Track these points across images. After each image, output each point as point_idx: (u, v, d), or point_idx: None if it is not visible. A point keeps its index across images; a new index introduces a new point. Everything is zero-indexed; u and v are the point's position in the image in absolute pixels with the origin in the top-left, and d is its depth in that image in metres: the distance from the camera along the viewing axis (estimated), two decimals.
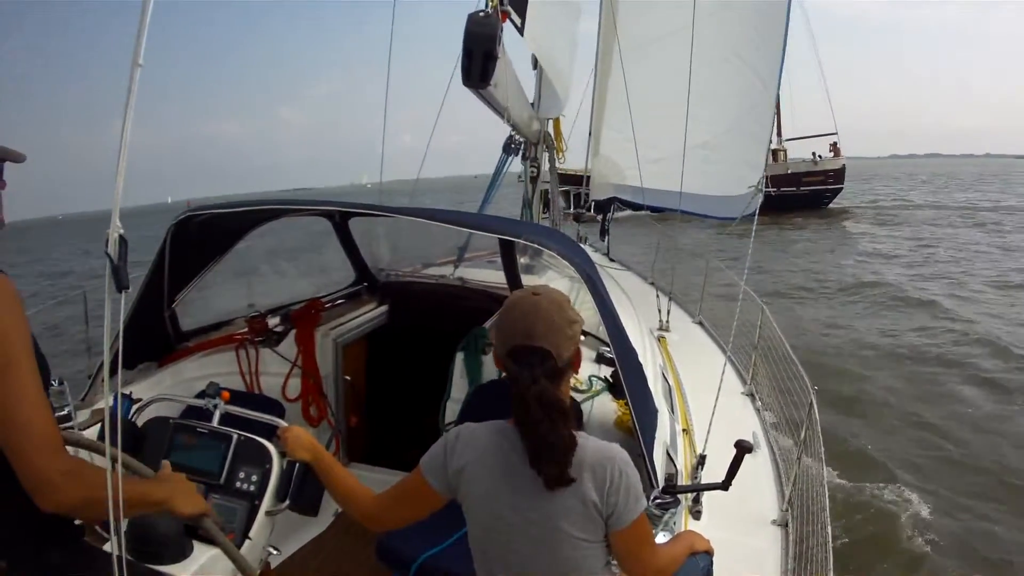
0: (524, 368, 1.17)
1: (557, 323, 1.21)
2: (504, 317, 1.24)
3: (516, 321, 1.22)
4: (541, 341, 1.19)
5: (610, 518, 1.18)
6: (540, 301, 1.23)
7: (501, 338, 1.23)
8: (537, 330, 1.19)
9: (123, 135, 0.78)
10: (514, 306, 1.24)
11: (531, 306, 1.22)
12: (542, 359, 1.18)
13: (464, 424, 1.31)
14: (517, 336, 1.20)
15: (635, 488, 1.19)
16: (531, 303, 1.23)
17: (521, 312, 1.22)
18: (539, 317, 1.20)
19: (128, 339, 2.09)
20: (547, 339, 1.19)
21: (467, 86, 3.06)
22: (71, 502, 1.09)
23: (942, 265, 14.11)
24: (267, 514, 1.64)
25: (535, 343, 1.19)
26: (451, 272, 3.84)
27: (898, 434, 5.66)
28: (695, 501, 2.20)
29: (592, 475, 1.16)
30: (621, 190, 6.55)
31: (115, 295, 0.89)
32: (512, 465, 1.20)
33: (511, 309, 1.24)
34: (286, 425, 1.64)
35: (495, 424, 1.27)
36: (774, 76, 4.65)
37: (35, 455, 1.06)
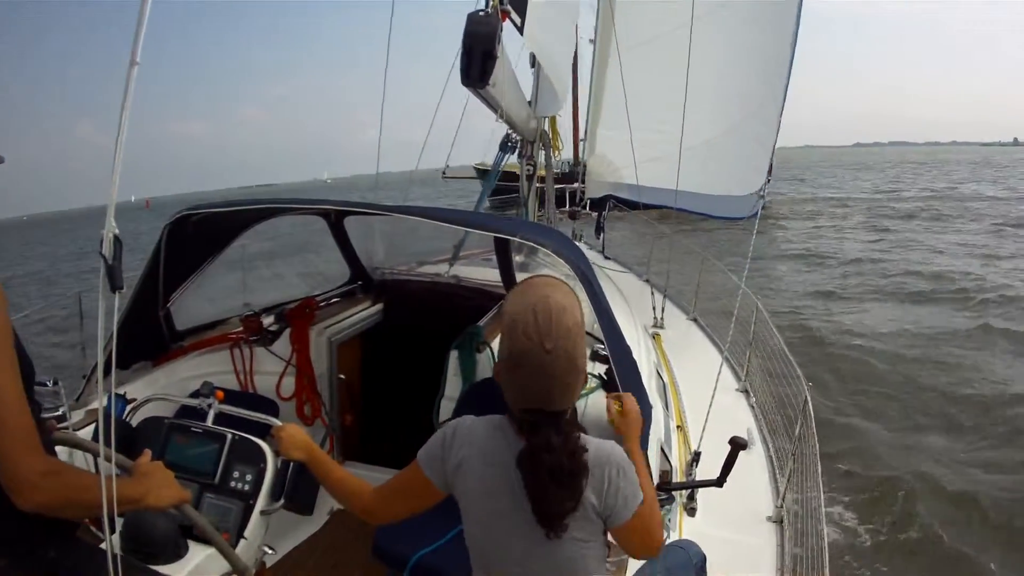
0: (538, 436, 1.14)
1: (570, 383, 1.16)
2: (514, 369, 1.15)
3: (529, 383, 1.15)
4: (556, 406, 1.15)
5: (608, 518, 1.19)
6: (555, 362, 1.12)
7: (510, 391, 1.18)
8: (553, 396, 1.15)
9: (119, 134, 0.78)
10: (525, 362, 1.13)
11: (544, 367, 1.12)
12: (556, 420, 1.15)
13: (462, 417, 1.30)
14: (529, 399, 1.15)
15: (632, 487, 1.19)
16: (544, 364, 1.12)
17: (534, 373, 1.13)
18: (554, 382, 1.14)
19: (123, 339, 2.09)
20: (561, 401, 1.16)
21: (466, 85, 3.06)
22: (49, 502, 1.09)
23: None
24: (262, 513, 1.64)
25: (550, 408, 1.15)
26: (446, 270, 3.84)
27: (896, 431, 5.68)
28: (690, 498, 2.21)
29: (592, 477, 1.16)
30: (617, 188, 6.55)
31: (109, 295, 0.89)
32: (510, 464, 1.19)
33: (522, 364, 1.14)
34: (280, 424, 1.63)
35: (493, 419, 1.26)
36: (781, 79, 4.59)
37: (12, 454, 1.06)
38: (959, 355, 7.30)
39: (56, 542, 1.23)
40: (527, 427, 1.16)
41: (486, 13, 2.90)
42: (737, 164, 5.09)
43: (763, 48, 4.86)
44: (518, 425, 1.19)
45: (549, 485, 1.12)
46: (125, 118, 0.77)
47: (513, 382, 1.17)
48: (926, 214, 20.89)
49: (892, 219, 19.95)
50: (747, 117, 5.05)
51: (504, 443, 1.21)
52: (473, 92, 3.19)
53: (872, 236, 16.82)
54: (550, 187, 5.48)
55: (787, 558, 2.22)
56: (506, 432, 1.22)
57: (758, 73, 4.90)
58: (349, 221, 3.62)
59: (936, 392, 6.29)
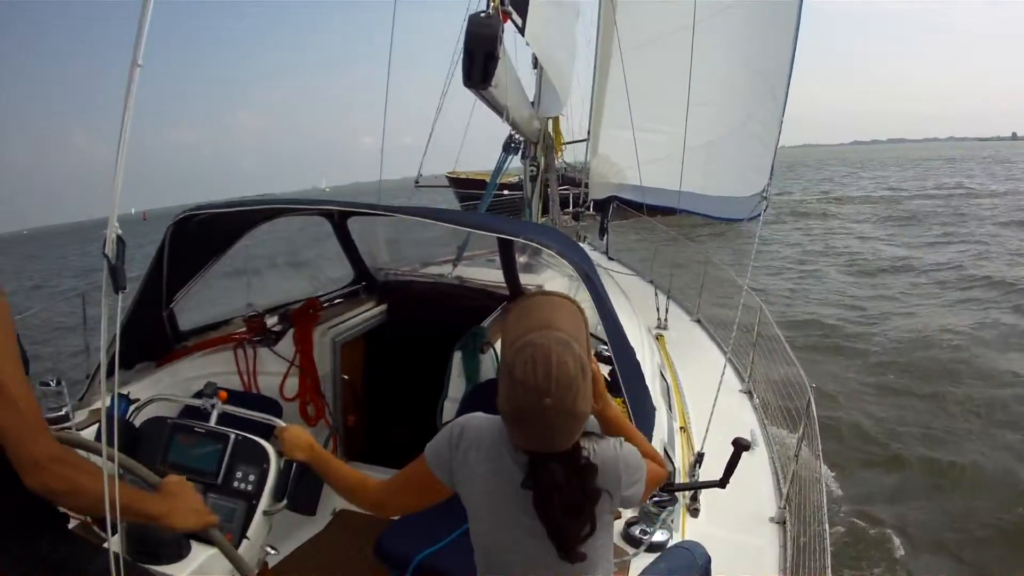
0: (545, 476, 1.13)
1: (573, 430, 1.14)
2: (514, 421, 1.14)
3: (530, 435, 1.13)
4: (558, 447, 1.14)
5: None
6: (555, 418, 1.10)
7: (514, 434, 1.17)
8: (553, 442, 1.13)
9: (121, 135, 0.78)
10: (525, 418, 1.11)
11: (545, 424, 1.10)
12: (562, 460, 1.14)
13: (473, 415, 1.29)
14: (531, 445, 1.15)
15: (640, 479, 1.23)
16: (545, 421, 1.10)
17: (533, 428, 1.12)
18: (555, 433, 1.12)
19: (126, 339, 2.10)
20: (563, 444, 1.14)
21: (468, 87, 3.07)
22: (57, 487, 1.12)
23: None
24: (265, 514, 1.64)
25: (553, 450, 1.14)
26: (449, 271, 3.85)
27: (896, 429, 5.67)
28: (693, 499, 2.21)
29: (603, 476, 1.17)
30: (621, 189, 6.55)
31: (112, 296, 0.90)
32: (516, 466, 1.19)
33: (522, 419, 1.12)
34: (284, 425, 1.64)
35: (500, 420, 1.25)
36: (782, 81, 4.58)
37: (24, 436, 1.10)
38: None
39: (48, 535, 1.24)
40: (531, 468, 1.15)
41: (487, 15, 2.91)
42: (739, 165, 5.08)
43: (764, 48, 4.83)
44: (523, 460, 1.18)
45: (563, 521, 1.13)
46: (128, 119, 0.78)
47: (513, 430, 1.16)
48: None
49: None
50: (749, 117, 5.03)
51: (510, 447, 1.21)
52: (475, 94, 3.19)
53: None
54: (554, 189, 5.48)
55: (790, 559, 2.21)
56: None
57: (759, 73, 4.88)
58: (352, 223, 3.63)
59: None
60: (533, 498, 1.14)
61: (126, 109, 0.77)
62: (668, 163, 4.46)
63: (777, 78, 4.55)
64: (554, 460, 1.13)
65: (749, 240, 8.23)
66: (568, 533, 1.13)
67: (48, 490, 1.12)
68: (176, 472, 1.68)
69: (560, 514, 1.12)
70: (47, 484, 1.11)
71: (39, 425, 1.13)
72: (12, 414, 1.10)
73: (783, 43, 4.51)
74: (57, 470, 1.11)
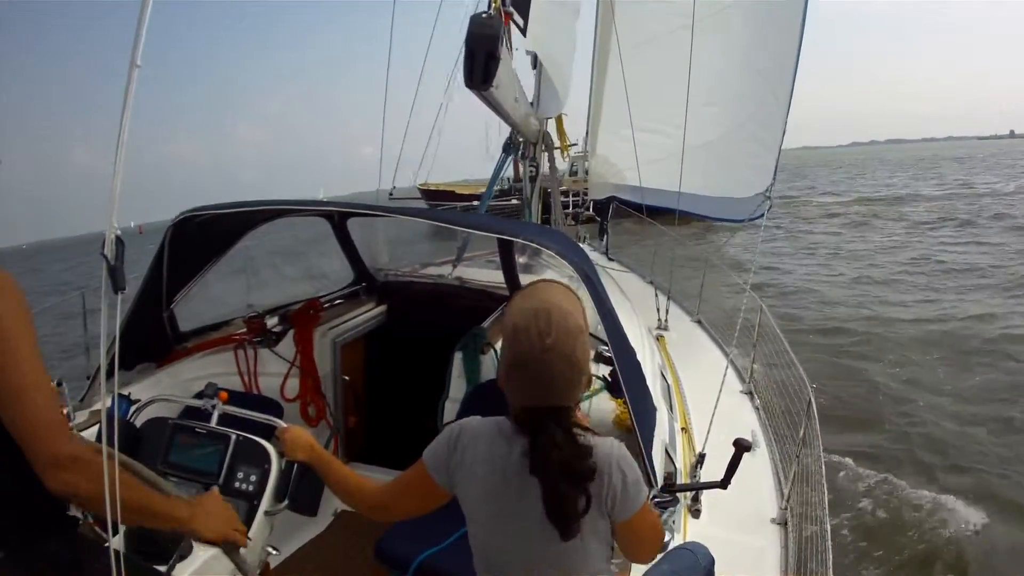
0: (542, 432, 1.15)
1: (572, 380, 1.17)
2: (514, 372, 1.18)
3: (529, 383, 1.16)
4: (557, 402, 1.17)
5: (612, 513, 1.19)
6: (553, 361, 1.14)
7: (512, 391, 1.19)
8: (553, 393, 1.16)
9: (120, 136, 0.78)
10: (525, 364, 1.15)
11: (543, 368, 1.15)
12: (559, 417, 1.16)
13: (469, 418, 1.30)
14: (532, 398, 1.17)
15: (636, 484, 1.19)
16: (543, 364, 1.14)
17: (534, 375, 1.15)
18: (554, 380, 1.15)
19: (126, 340, 2.10)
20: (563, 398, 1.17)
21: (469, 88, 3.07)
22: (77, 488, 1.11)
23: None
24: (266, 514, 1.64)
25: (551, 404, 1.16)
26: (449, 272, 3.85)
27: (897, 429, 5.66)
28: (694, 500, 2.20)
29: (596, 474, 1.16)
30: (620, 190, 6.55)
31: (112, 296, 0.89)
32: (512, 466, 1.19)
33: (521, 367, 1.16)
34: (285, 425, 1.64)
35: (497, 420, 1.26)
36: (784, 81, 4.57)
37: (46, 434, 1.09)
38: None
39: (57, 535, 1.24)
40: (529, 425, 1.17)
41: (488, 15, 2.91)
42: (741, 166, 5.06)
43: (764, 48, 4.82)
44: (520, 426, 1.19)
45: (561, 483, 1.13)
46: (126, 120, 0.78)
47: (513, 384, 1.18)
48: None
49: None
50: (750, 118, 5.01)
51: (506, 446, 1.21)
52: (477, 95, 3.19)
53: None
54: (555, 190, 5.48)
55: (791, 560, 2.21)
56: (508, 434, 1.22)
57: (762, 73, 4.86)
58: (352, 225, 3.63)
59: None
60: (530, 461, 1.15)
61: (125, 109, 0.77)
62: (667, 163, 4.45)
63: (778, 78, 4.53)
64: (552, 418, 1.15)
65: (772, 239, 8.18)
66: (565, 499, 1.13)
67: (67, 491, 1.11)
68: (177, 473, 1.68)
69: (558, 473, 1.13)
70: (67, 484, 1.10)
71: (59, 424, 1.12)
72: (32, 413, 1.09)
73: (786, 43, 4.49)
74: (78, 471, 1.09)
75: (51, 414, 1.11)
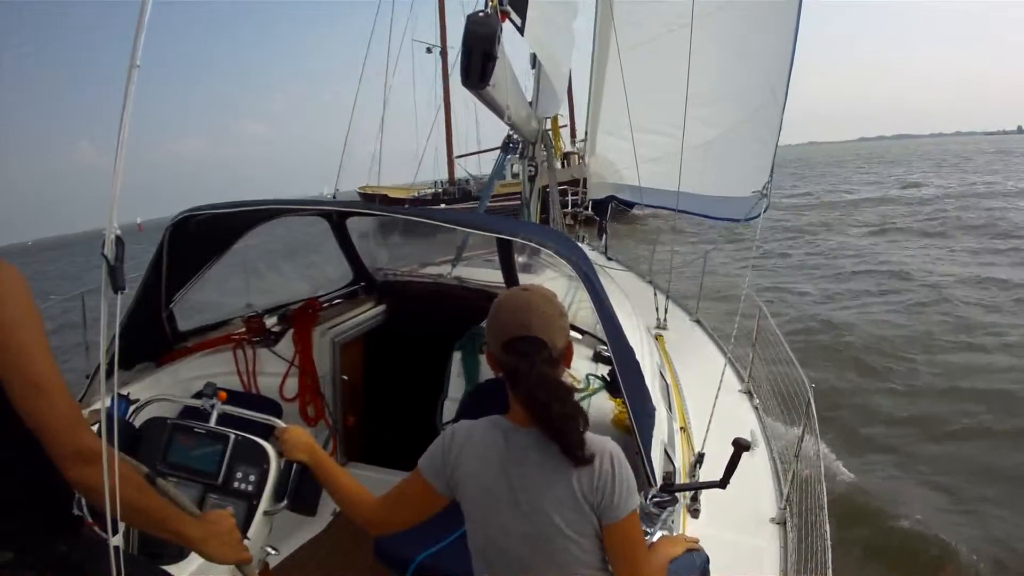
0: (522, 358, 1.19)
1: (549, 314, 1.24)
2: (496, 314, 1.27)
3: (509, 316, 1.24)
4: (536, 332, 1.21)
5: (599, 508, 1.18)
6: (530, 296, 1.25)
7: (495, 334, 1.25)
8: (532, 322, 1.21)
9: (120, 135, 0.78)
10: (504, 303, 1.27)
11: (523, 301, 1.25)
12: (538, 348, 1.20)
13: (460, 422, 1.31)
14: (511, 329, 1.22)
15: (627, 482, 1.19)
16: (522, 299, 1.26)
17: (513, 307, 1.25)
18: (532, 310, 1.23)
19: (126, 339, 2.09)
20: (542, 330, 1.21)
21: (466, 87, 3.06)
22: (101, 484, 1.07)
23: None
24: (265, 514, 1.64)
25: (530, 333, 1.21)
26: (448, 271, 3.84)
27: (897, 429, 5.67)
28: (693, 500, 2.20)
29: (583, 466, 1.17)
30: (619, 189, 6.55)
31: (111, 296, 0.89)
32: (507, 460, 1.20)
33: (502, 306, 1.27)
34: (284, 425, 1.64)
35: (490, 419, 1.27)
36: (782, 78, 4.55)
37: (70, 428, 1.09)
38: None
39: (65, 536, 1.23)
40: (512, 360, 1.20)
41: (485, 14, 2.91)
42: (739, 164, 5.05)
43: (763, 47, 4.82)
44: (506, 374, 1.22)
45: (551, 401, 1.16)
46: (126, 120, 0.78)
47: (494, 327, 1.25)
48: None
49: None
50: (748, 117, 5.00)
51: (501, 441, 1.22)
52: (474, 94, 3.19)
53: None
54: (554, 189, 5.47)
55: (790, 559, 2.21)
56: (504, 429, 1.23)
57: (759, 72, 4.85)
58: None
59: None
60: (522, 394, 1.19)
61: (124, 109, 0.77)
62: (666, 163, 4.45)
63: (777, 77, 4.53)
64: (535, 347, 1.20)
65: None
66: (563, 421, 1.15)
67: (88, 484, 1.10)
68: (176, 472, 1.67)
69: (545, 393, 1.16)
70: (89, 478, 1.08)
71: (79, 417, 1.12)
72: (52, 409, 1.09)
73: (782, 40, 4.49)
74: (101, 465, 1.08)
75: (73, 407, 1.12)
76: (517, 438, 1.21)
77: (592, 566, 1.21)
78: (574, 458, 1.16)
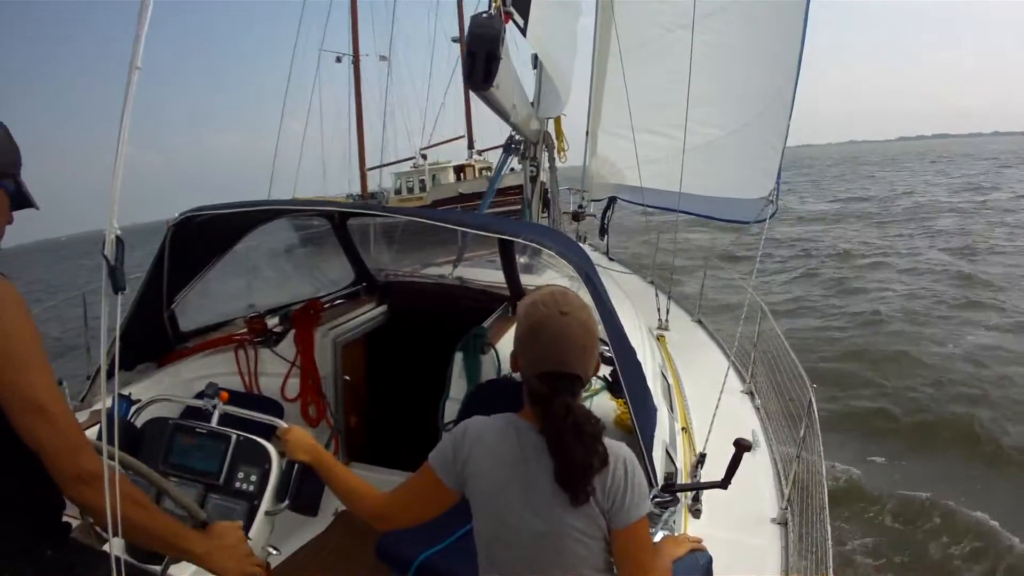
0: (558, 396, 1.16)
1: (588, 348, 1.20)
2: (532, 338, 1.21)
3: (547, 346, 1.19)
4: (573, 368, 1.18)
5: (609, 513, 1.18)
6: (570, 324, 1.19)
7: (530, 359, 1.21)
8: (570, 357, 1.18)
9: (120, 136, 0.78)
10: (542, 327, 1.19)
11: (561, 330, 1.19)
12: (573, 384, 1.18)
13: (473, 417, 1.30)
14: (549, 362, 1.18)
15: (639, 489, 1.19)
16: (561, 326, 1.19)
17: (551, 336, 1.19)
18: (571, 344, 1.18)
19: (127, 340, 2.10)
20: (579, 366, 1.19)
21: (470, 88, 3.06)
22: (102, 505, 1.07)
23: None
24: (267, 514, 1.64)
25: (568, 370, 1.18)
26: (450, 272, 3.85)
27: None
28: (694, 500, 2.20)
29: (596, 471, 1.16)
30: (620, 190, 6.54)
31: (112, 296, 0.90)
32: (520, 459, 1.20)
33: (539, 330, 1.19)
34: (285, 426, 1.64)
35: (504, 417, 1.26)
36: (789, 81, 4.52)
37: (66, 451, 1.09)
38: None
39: (52, 542, 1.23)
40: (545, 391, 1.18)
41: (489, 15, 2.91)
42: (744, 167, 5.02)
43: (767, 48, 4.80)
44: (534, 397, 1.20)
45: (577, 446, 1.14)
46: (126, 120, 0.78)
47: (530, 351, 1.21)
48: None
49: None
50: (754, 119, 4.98)
51: (515, 439, 1.22)
52: (477, 95, 3.19)
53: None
54: (554, 189, 5.47)
55: (791, 560, 2.21)
56: (519, 429, 1.23)
57: (765, 74, 4.82)
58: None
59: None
60: (545, 423, 1.17)
61: (125, 110, 0.78)
62: (668, 164, 4.44)
63: (784, 78, 4.50)
64: (567, 384, 1.18)
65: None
66: (577, 458, 1.14)
67: (88, 505, 1.11)
68: (177, 473, 1.68)
69: (571, 432, 1.15)
70: (90, 499, 1.09)
71: (81, 440, 1.11)
72: (53, 431, 1.08)
73: (788, 42, 4.46)
74: (102, 488, 1.07)
75: (74, 429, 1.11)
76: (531, 438, 1.21)
77: (597, 567, 1.21)
78: (573, 497, 1.15)
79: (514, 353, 1.26)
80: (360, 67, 27.19)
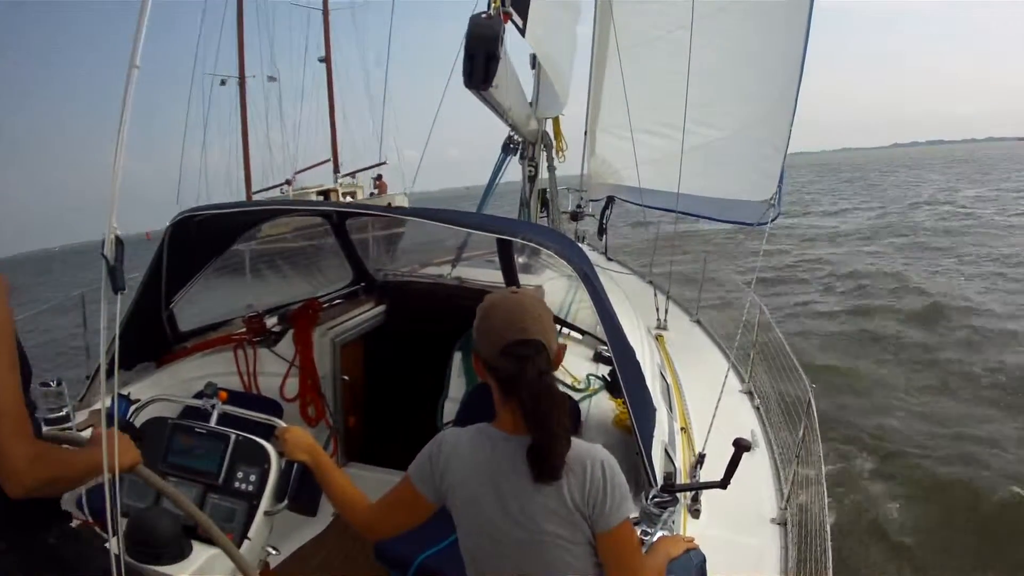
0: (524, 362, 1.17)
1: (543, 316, 1.23)
2: (489, 319, 1.23)
3: (503, 320, 1.21)
4: (534, 334, 1.20)
5: (591, 517, 1.16)
6: (522, 299, 1.24)
7: (489, 339, 1.21)
8: (528, 324, 1.20)
9: (119, 136, 0.78)
10: (497, 307, 1.23)
11: (515, 304, 1.23)
12: (538, 351, 1.19)
13: (448, 430, 1.31)
14: (509, 333, 1.19)
15: (619, 490, 1.17)
16: (514, 301, 1.24)
17: (507, 311, 1.22)
18: (526, 313, 1.21)
19: (126, 340, 2.10)
20: (539, 332, 1.20)
21: (469, 88, 3.06)
22: (38, 485, 1.11)
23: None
24: (266, 514, 1.64)
25: (529, 336, 1.19)
26: (448, 272, 3.84)
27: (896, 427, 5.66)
28: (694, 500, 2.20)
29: (572, 474, 1.16)
30: (618, 190, 6.53)
31: (111, 297, 0.90)
32: (496, 468, 1.20)
33: (494, 310, 1.23)
34: (284, 425, 1.64)
35: (477, 428, 1.27)
36: (792, 83, 4.50)
37: (5, 442, 1.08)
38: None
39: (55, 529, 1.24)
40: (512, 366, 1.18)
41: (488, 15, 2.91)
42: (746, 169, 4.99)
43: (768, 51, 4.78)
44: (503, 381, 1.20)
45: (551, 412, 1.15)
46: (125, 121, 0.78)
47: (488, 332, 1.22)
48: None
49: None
50: (756, 121, 4.94)
51: (489, 449, 1.21)
52: (476, 95, 3.19)
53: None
54: (553, 189, 5.47)
55: (791, 560, 2.21)
56: (491, 437, 1.23)
57: (767, 76, 4.79)
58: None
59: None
60: (524, 400, 1.16)
61: (124, 110, 0.78)
62: (667, 164, 4.43)
63: (786, 81, 4.48)
64: (533, 348, 1.18)
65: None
66: (556, 429, 1.14)
67: (30, 492, 1.11)
68: (176, 472, 1.68)
69: (549, 403, 1.15)
70: (28, 487, 1.10)
71: (20, 430, 1.10)
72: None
73: (793, 45, 4.43)
74: (36, 469, 1.10)
75: (12, 425, 1.09)
76: (506, 447, 1.20)
77: (584, 572, 1.20)
78: (551, 472, 1.14)
79: (474, 351, 1.26)
80: (246, 88, 26.27)
